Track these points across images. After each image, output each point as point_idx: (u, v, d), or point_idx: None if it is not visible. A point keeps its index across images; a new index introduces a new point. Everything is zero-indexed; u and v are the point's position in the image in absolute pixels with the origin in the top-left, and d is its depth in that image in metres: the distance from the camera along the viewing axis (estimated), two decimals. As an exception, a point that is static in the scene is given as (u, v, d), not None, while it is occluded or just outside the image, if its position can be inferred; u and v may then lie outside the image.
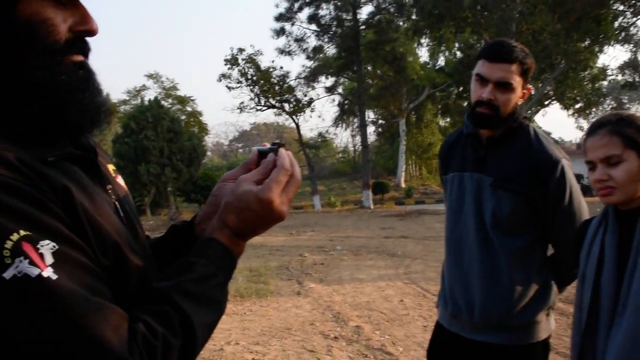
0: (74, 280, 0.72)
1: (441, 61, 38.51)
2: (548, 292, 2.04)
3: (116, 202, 0.99)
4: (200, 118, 40.85)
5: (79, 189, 0.85)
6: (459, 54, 34.02)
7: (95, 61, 0.96)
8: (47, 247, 0.71)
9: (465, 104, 36.07)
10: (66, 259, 0.72)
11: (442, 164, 2.31)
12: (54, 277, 0.69)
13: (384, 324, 5.83)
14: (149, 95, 42.49)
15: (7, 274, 0.67)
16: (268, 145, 1.12)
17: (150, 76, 40.92)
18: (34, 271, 0.68)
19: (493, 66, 1.96)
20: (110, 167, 1.09)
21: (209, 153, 29.56)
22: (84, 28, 0.89)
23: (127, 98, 41.70)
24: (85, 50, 0.92)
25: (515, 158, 2.01)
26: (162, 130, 18.97)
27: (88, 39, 0.93)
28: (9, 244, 0.68)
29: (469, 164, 2.12)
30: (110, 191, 0.99)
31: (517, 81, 1.97)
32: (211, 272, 0.90)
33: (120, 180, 1.10)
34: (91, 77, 0.93)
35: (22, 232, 0.69)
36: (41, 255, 0.70)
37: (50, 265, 0.70)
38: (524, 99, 2.05)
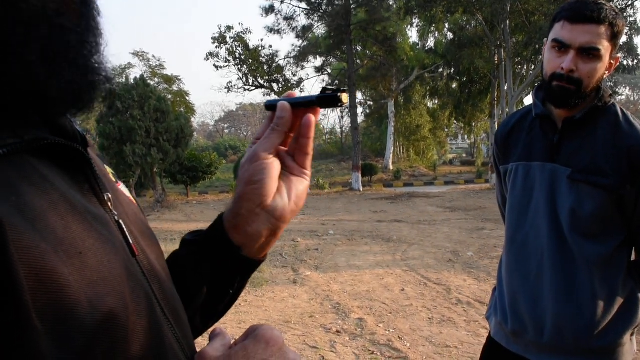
0: None
1: (431, 42, 38.06)
2: (635, 308, 1.68)
3: (120, 221, 0.60)
4: (187, 98, 40.11)
5: (47, 210, 0.47)
6: (449, 35, 33.62)
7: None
8: None
9: (455, 85, 35.80)
10: None
11: (499, 151, 1.92)
12: None
13: (387, 316, 5.52)
14: (135, 73, 41.71)
15: None
16: (298, 94, 0.77)
17: (136, 54, 39.95)
18: None
19: (576, 28, 1.58)
20: (109, 171, 0.71)
21: (194, 134, 28.89)
22: None
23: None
24: None
25: (600, 145, 1.63)
26: (149, 109, 18.32)
27: None
28: None
29: (537, 151, 1.74)
30: (110, 203, 0.60)
31: (605, 47, 1.59)
32: None
33: (123, 189, 0.72)
34: (92, 20, 0.55)
35: None
36: None
37: None
38: (610, 71, 1.67)
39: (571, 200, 1.63)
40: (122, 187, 0.72)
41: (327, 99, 0.75)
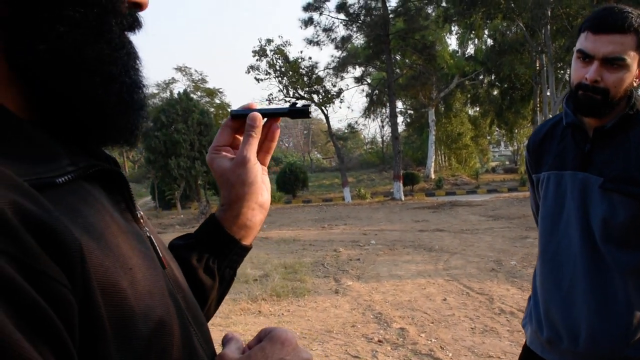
0: None
1: (470, 49, 37.75)
2: None
3: (151, 237, 0.68)
4: (230, 110, 40.76)
5: (104, 230, 0.54)
6: (489, 41, 33.31)
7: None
8: None
9: (496, 92, 35.37)
10: None
11: (531, 159, 1.93)
12: None
13: (429, 326, 5.51)
14: (178, 88, 42.71)
15: None
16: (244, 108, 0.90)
17: (179, 69, 40.95)
18: None
19: (599, 38, 1.58)
20: None
21: (237, 145, 29.43)
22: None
23: (157, 91, 41.85)
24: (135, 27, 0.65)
25: (633, 154, 1.62)
26: (192, 123, 18.77)
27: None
28: None
29: (569, 160, 1.75)
30: (142, 220, 0.67)
31: (631, 56, 1.58)
32: None
33: None
34: (137, 63, 0.65)
35: None
36: None
37: None
38: None
39: (603, 209, 1.63)
40: None
41: (299, 110, 0.87)
